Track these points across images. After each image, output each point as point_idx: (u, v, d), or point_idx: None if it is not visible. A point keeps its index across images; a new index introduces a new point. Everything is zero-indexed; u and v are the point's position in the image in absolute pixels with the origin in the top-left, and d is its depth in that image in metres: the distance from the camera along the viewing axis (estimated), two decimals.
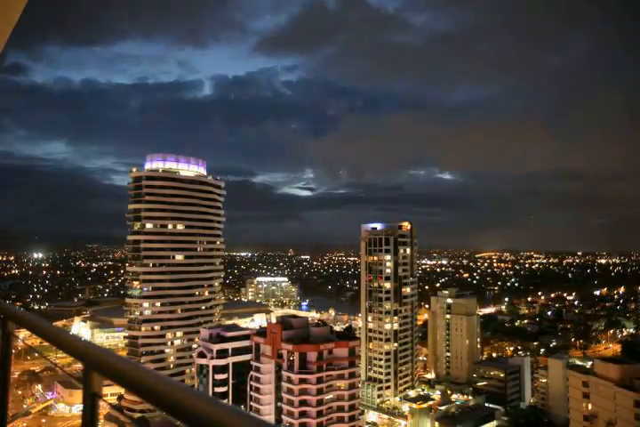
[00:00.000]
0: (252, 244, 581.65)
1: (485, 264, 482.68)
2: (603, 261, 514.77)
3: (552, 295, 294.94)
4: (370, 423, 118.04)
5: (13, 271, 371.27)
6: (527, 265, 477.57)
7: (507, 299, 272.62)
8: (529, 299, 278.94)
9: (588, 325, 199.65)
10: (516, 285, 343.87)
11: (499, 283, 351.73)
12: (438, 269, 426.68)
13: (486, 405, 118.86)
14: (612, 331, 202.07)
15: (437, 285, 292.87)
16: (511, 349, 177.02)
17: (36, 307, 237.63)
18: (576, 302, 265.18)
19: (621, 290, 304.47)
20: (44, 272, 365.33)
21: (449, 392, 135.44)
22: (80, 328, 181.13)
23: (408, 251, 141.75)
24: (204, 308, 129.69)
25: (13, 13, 6.19)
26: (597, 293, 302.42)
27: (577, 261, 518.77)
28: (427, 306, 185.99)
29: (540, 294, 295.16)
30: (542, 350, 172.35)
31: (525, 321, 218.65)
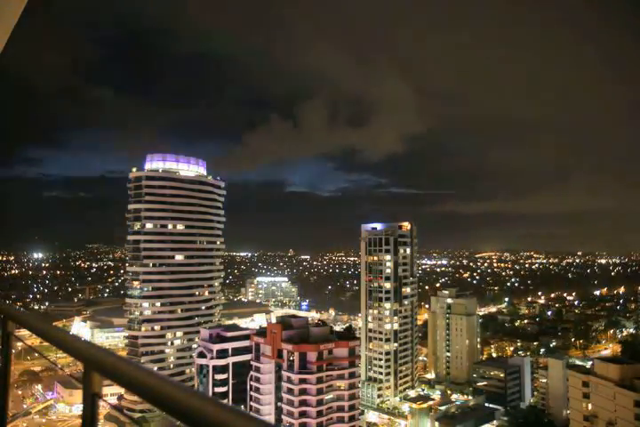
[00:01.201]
0: (252, 244, 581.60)
1: (485, 264, 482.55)
2: (603, 261, 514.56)
3: (552, 295, 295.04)
4: (370, 423, 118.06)
5: (13, 271, 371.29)
6: (527, 265, 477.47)
7: (507, 299, 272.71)
8: (529, 299, 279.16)
9: (588, 325, 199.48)
10: (516, 285, 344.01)
11: (499, 283, 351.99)
12: (438, 270, 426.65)
13: (486, 405, 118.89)
14: (611, 331, 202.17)
15: (437, 285, 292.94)
16: (511, 349, 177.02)
17: (36, 307, 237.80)
18: (576, 302, 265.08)
19: (621, 290, 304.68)
20: (44, 272, 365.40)
21: (449, 392, 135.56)
22: (80, 328, 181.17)
23: (408, 251, 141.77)
24: (203, 308, 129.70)
25: (13, 13, 6.19)
26: (597, 293, 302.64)
27: (577, 261, 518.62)
28: (427, 306, 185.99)
29: (540, 294, 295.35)
30: (542, 350, 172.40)
31: (525, 321, 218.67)
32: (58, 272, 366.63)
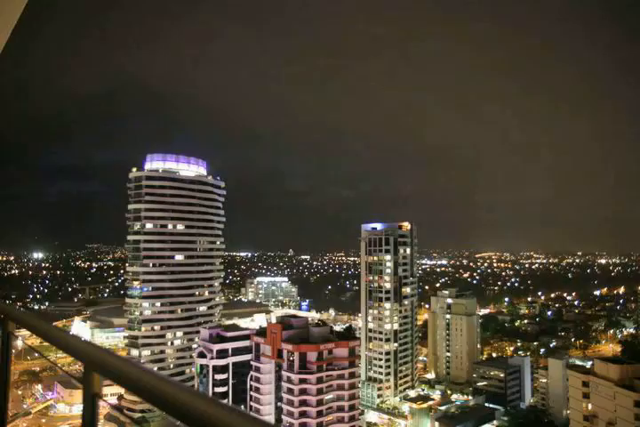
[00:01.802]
0: (252, 244, 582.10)
1: (485, 264, 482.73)
2: (603, 261, 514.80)
3: (552, 295, 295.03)
4: (370, 423, 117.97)
5: (13, 271, 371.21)
6: (527, 265, 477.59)
7: (507, 299, 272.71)
8: (529, 299, 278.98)
9: (588, 325, 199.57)
10: (516, 285, 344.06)
11: (499, 283, 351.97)
12: (438, 270, 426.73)
13: (486, 405, 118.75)
14: (612, 331, 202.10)
15: (437, 285, 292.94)
16: (511, 349, 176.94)
17: (36, 307, 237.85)
18: (576, 302, 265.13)
19: (621, 290, 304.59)
20: (44, 272, 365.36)
21: (449, 392, 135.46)
22: (80, 328, 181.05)
23: (408, 251, 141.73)
24: (204, 308, 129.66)
25: (13, 13, 6.19)
26: (597, 293, 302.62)
27: (577, 261, 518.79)
28: (427, 306, 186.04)
29: (540, 294, 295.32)
30: (542, 350, 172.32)
31: (525, 321, 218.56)
32: (58, 272, 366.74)
